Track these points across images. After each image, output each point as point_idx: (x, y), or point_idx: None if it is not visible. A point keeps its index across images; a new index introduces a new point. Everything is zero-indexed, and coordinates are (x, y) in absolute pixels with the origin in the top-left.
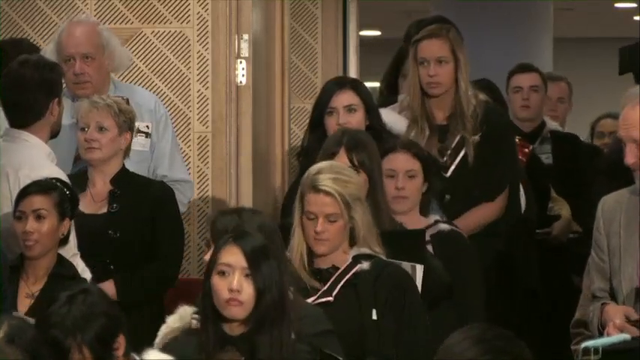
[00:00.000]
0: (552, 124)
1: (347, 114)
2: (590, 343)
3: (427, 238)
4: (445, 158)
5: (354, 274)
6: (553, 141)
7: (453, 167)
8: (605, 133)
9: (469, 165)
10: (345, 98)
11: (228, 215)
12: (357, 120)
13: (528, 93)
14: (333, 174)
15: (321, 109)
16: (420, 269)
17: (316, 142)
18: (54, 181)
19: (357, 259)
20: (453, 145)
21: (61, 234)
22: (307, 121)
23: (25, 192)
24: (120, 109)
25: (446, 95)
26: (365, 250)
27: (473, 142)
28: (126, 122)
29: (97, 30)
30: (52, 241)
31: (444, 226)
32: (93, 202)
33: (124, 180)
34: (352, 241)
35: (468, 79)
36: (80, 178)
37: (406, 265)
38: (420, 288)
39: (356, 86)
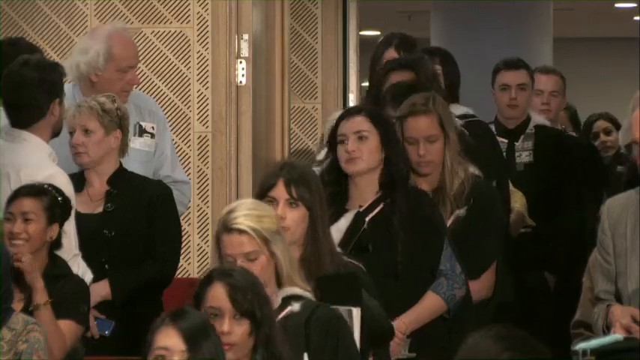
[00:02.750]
0: (538, 119)
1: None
2: (582, 345)
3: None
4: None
5: (284, 317)
6: (537, 137)
7: None
8: (599, 133)
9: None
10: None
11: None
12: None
13: (516, 92)
14: (245, 210)
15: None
16: (357, 313)
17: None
18: (47, 186)
19: (286, 300)
20: None
21: (49, 237)
22: (307, 121)
23: (16, 195)
24: (104, 110)
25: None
26: (294, 291)
27: (458, 216)
28: (112, 121)
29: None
30: (39, 242)
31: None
32: (90, 201)
33: (121, 179)
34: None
35: (457, 154)
36: (78, 178)
37: (342, 310)
38: (358, 332)
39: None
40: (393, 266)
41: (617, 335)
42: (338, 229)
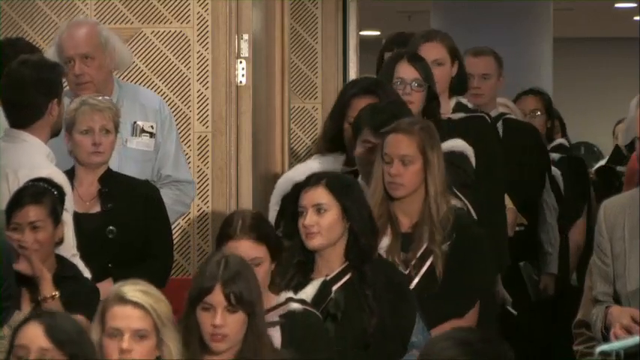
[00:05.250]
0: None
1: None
2: (605, 347)
3: (275, 318)
4: (409, 270)
5: None
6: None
7: (417, 279)
8: (525, 111)
9: (436, 278)
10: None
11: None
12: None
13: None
14: (143, 286)
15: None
16: None
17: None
18: (42, 184)
19: None
20: (418, 254)
21: (57, 238)
22: (307, 121)
23: (20, 203)
24: (116, 110)
25: (413, 199)
26: None
27: (441, 252)
28: (117, 123)
29: (96, 30)
30: (50, 247)
31: (296, 306)
32: (81, 201)
33: (111, 179)
34: None
35: (442, 182)
36: (67, 177)
37: None
38: None
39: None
40: (362, 336)
41: (637, 337)
42: (305, 298)
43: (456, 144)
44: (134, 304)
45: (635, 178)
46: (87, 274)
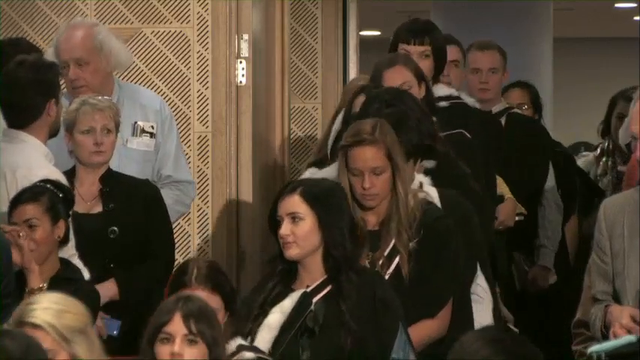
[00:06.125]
0: (469, 100)
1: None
2: (596, 348)
3: None
4: (376, 270)
5: None
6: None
7: (386, 278)
8: (512, 105)
9: (404, 277)
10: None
11: None
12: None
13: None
14: (46, 303)
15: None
16: None
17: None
18: (43, 184)
19: None
20: (386, 253)
21: (57, 237)
22: (307, 121)
23: (16, 201)
24: (117, 110)
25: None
26: None
27: (409, 250)
28: (118, 122)
29: (91, 33)
30: (48, 246)
31: (249, 355)
32: (82, 201)
33: (112, 179)
34: None
35: (408, 183)
36: (67, 177)
37: None
38: None
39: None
40: (340, 352)
41: (630, 337)
42: (281, 311)
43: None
44: (31, 325)
45: (635, 177)
46: (86, 273)
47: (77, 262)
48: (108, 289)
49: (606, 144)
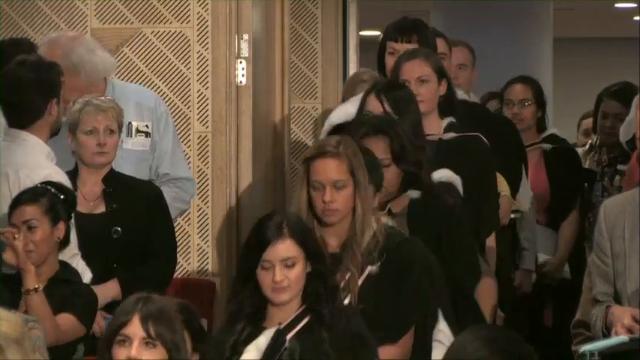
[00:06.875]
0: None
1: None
2: (588, 347)
3: None
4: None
5: None
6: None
7: (346, 301)
8: (514, 101)
9: (368, 299)
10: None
11: None
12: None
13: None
14: None
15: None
16: None
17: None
18: (44, 185)
19: None
20: (347, 276)
21: (56, 238)
22: (307, 121)
23: (16, 202)
24: (120, 110)
25: (343, 220)
26: None
27: (370, 273)
28: (121, 123)
29: (65, 53)
30: (47, 247)
31: None
32: (85, 201)
33: (115, 179)
34: None
35: (370, 202)
36: (70, 177)
37: None
38: None
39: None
40: None
41: (622, 337)
42: (257, 348)
43: (444, 174)
44: None
45: (635, 177)
46: (88, 273)
47: (80, 261)
48: (110, 289)
49: (594, 139)
